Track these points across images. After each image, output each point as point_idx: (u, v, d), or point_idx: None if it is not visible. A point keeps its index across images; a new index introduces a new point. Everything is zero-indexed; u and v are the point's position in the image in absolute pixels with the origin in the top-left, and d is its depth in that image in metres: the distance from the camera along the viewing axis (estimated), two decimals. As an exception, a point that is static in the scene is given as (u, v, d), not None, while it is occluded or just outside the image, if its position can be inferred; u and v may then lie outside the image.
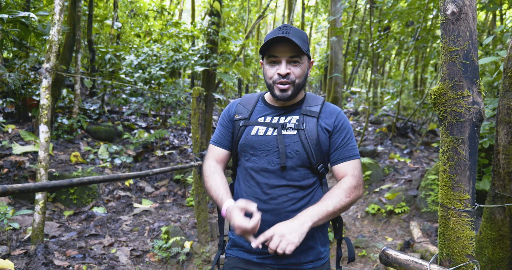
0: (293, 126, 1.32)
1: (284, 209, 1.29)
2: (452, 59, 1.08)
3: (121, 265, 3.31)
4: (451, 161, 1.11)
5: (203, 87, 6.51)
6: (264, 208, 1.30)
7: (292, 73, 1.30)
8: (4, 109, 6.34)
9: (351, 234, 4.07)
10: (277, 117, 1.37)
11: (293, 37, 1.24)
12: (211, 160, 1.46)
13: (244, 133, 1.38)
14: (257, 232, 1.19)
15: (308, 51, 1.33)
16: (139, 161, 6.14)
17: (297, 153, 1.29)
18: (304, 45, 1.28)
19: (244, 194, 1.36)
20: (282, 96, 1.31)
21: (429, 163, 6.06)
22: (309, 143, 1.29)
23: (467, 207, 1.10)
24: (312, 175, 1.34)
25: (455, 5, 1.08)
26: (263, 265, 1.32)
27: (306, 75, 1.35)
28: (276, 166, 1.30)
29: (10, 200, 4.16)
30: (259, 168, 1.33)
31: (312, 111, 1.35)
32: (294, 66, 1.30)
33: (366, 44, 11.58)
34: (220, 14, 6.38)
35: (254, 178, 1.34)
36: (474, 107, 1.07)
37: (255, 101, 1.46)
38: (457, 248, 1.12)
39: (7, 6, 5.39)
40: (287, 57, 1.28)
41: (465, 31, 1.06)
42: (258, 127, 1.36)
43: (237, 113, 1.44)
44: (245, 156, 1.37)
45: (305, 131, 1.30)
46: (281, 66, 1.28)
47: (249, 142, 1.35)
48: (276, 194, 1.30)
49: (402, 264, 1.23)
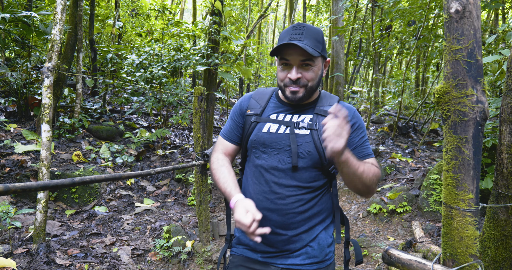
0: (306, 126, 1.30)
1: (291, 210, 1.28)
2: (456, 58, 1.07)
3: (122, 264, 3.31)
4: (454, 160, 1.10)
5: (205, 87, 6.51)
6: (271, 207, 1.29)
7: (304, 77, 1.27)
8: (6, 108, 6.35)
9: (352, 233, 4.07)
10: (290, 115, 1.35)
11: (305, 40, 1.22)
12: (219, 152, 1.45)
13: (255, 130, 1.35)
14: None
15: (323, 51, 1.29)
16: (140, 161, 6.15)
17: (309, 154, 1.27)
18: (317, 46, 1.25)
19: (251, 191, 1.34)
20: (293, 98, 1.29)
21: (431, 163, 6.05)
22: (322, 144, 1.25)
23: (471, 206, 1.09)
24: (322, 177, 1.32)
25: (459, 3, 1.07)
26: (267, 264, 1.31)
27: (320, 76, 1.32)
28: (287, 165, 1.28)
29: (12, 199, 4.17)
30: (269, 166, 1.30)
31: (326, 111, 1.31)
32: (306, 70, 1.27)
33: (368, 43, 11.56)
34: (221, 13, 6.37)
35: (263, 176, 1.31)
36: (478, 106, 1.06)
37: (269, 96, 1.43)
38: (461, 248, 1.11)
39: (9, 5, 5.40)
40: (299, 61, 1.25)
41: (469, 30, 1.05)
42: (270, 124, 1.34)
43: (249, 108, 1.42)
44: (255, 153, 1.35)
45: (318, 132, 1.28)
46: (292, 71, 1.26)
47: (260, 139, 1.33)
48: (284, 194, 1.28)
49: (405, 263, 1.23)
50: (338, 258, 3.53)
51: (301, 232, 1.29)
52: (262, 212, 1.25)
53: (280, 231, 1.29)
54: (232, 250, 1.42)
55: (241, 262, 1.36)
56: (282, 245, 1.29)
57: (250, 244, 1.35)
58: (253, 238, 1.12)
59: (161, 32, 8.23)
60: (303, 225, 1.29)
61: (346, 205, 4.94)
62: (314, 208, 1.30)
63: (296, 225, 1.29)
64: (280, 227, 1.29)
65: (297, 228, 1.29)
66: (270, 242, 1.30)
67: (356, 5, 9.55)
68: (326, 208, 1.36)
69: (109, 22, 10.32)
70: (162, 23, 8.85)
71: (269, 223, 1.27)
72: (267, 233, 1.14)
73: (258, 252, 1.33)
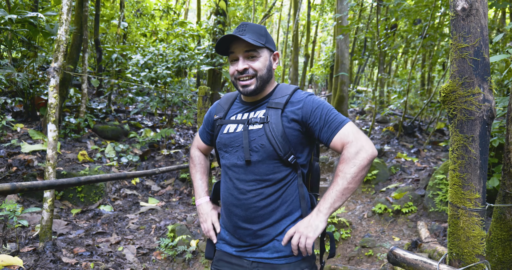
0: (258, 121, 1.33)
1: (253, 204, 1.32)
2: (463, 56, 1.06)
3: (127, 263, 3.33)
4: (461, 160, 1.09)
5: (209, 86, 6.52)
6: (235, 202, 1.35)
7: (251, 67, 1.34)
8: (13, 108, 6.42)
9: (357, 233, 4.05)
10: (247, 113, 1.41)
11: (247, 34, 1.31)
12: (195, 148, 1.67)
13: (219, 132, 1.44)
14: (231, 226, 1.38)
15: (267, 43, 1.36)
16: (145, 160, 6.18)
17: (262, 147, 1.30)
18: (260, 39, 1.33)
19: (221, 189, 1.44)
20: (245, 91, 1.35)
21: (436, 163, 6.00)
22: (273, 135, 1.29)
23: (478, 206, 1.08)
24: (284, 168, 1.33)
25: (465, 1, 1.06)
26: (241, 258, 1.37)
27: (269, 67, 1.38)
28: (243, 161, 1.33)
29: (19, 198, 4.22)
30: (230, 164, 1.37)
31: (277, 103, 1.35)
32: (252, 61, 1.34)
33: (373, 42, 11.50)
34: (225, 13, 6.38)
35: (227, 174, 1.39)
36: (485, 105, 1.05)
37: (233, 99, 1.52)
38: (467, 248, 1.10)
39: (15, 6, 5.45)
40: (243, 52, 1.33)
41: (476, 28, 1.04)
42: (230, 125, 1.42)
43: (215, 113, 1.51)
44: (220, 153, 1.44)
45: (269, 124, 1.31)
46: (239, 63, 1.34)
47: (222, 140, 1.41)
48: (245, 189, 1.33)
49: (410, 263, 1.22)
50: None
51: (266, 226, 1.32)
52: (229, 207, 1.38)
53: (246, 225, 1.34)
54: (216, 245, 1.49)
55: (221, 256, 1.43)
56: (250, 239, 1.34)
57: (226, 238, 1.42)
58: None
59: (166, 32, 8.26)
60: (268, 219, 1.32)
61: (351, 205, 4.92)
62: (278, 202, 1.32)
63: (259, 219, 1.32)
64: (245, 221, 1.34)
65: (261, 222, 1.32)
66: (239, 236, 1.36)
67: (361, 4, 9.51)
68: (293, 200, 1.35)
69: (114, 23, 10.38)
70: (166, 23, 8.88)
71: (235, 218, 1.35)
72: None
73: (233, 246, 1.39)
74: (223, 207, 1.43)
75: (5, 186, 1.24)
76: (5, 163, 4.61)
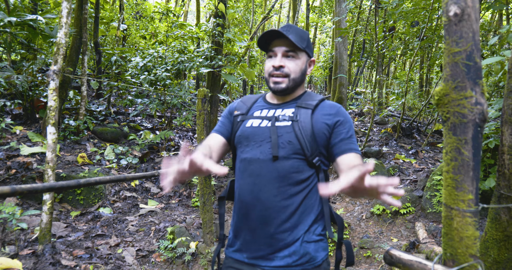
0: (287, 118, 1.33)
1: (274, 204, 1.26)
2: (455, 60, 1.08)
3: (127, 265, 3.34)
4: (454, 162, 1.11)
5: (208, 89, 6.54)
6: (253, 201, 1.29)
7: (287, 67, 1.34)
8: (12, 110, 6.43)
9: (356, 234, 4.06)
10: (274, 110, 1.40)
11: (291, 34, 1.30)
12: (201, 144, 1.44)
13: (241, 127, 1.40)
14: (245, 228, 1.28)
15: (307, 48, 1.36)
16: (144, 162, 6.19)
17: (289, 143, 1.28)
18: (301, 42, 1.33)
19: (238, 186, 1.36)
20: (276, 87, 1.35)
21: (434, 164, 6.03)
22: (302, 134, 1.27)
23: (471, 207, 1.10)
24: (308, 168, 1.30)
25: (457, 7, 1.08)
26: (254, 266, 1.30)
27: (303, 71, 1.38)
28: (268, 156, 1.28)
29: (18, 200, 4.22)
30: (251, 159, 1.32)
31: (308, 104, 1.35)
32: (289, 60, 1.34)
33: (371, 44, 11.55)
34: (225, 15, 6.41)
35: (247, 169, 1.32)
36: (477, 108, 1.07)
37: (255, 99, 1.50)
38: (461, 248, 1.12)
39: (15, 9, 5.47)
40: (283, 51, 1.33)
41: (468, 32, 1.07)
42: (253, 120, 1.39)
43: (236, 109, 1.48)
44: (240, 147, 1.38)
45: (299, 122, 1.30)
46: (276, 59, 1.34)
47: (243, 134, 1.37)
48: (266, 187, 1.27)
49: (406, 264, 1.23)
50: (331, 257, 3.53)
51: (284, 230, 1.27)
52: (246, 206, 1.30)
53: (263, 226, 1.27)
54: (225, 251, 1.42)
55: (231, 264, 1.36)
56: (265, 244, 1.28)
57: (237, 245, 1.35)
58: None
59: (165, 34, 8.28)
60: (287, 221, 1.27)
61: (350, 206, 4.94)
62: (299, 203, 1.28)
63: (278, 221, 1.26)
64: (263, 222, 1.27)
65: (279, 224, 1.27)
66: (254, 239, 1.29)
67: (360, 6, 9.55)
68: (313, 204, 1.32)
69: (114, 25, 10.41)
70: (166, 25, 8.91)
71: (253, 216, 1.28)
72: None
73: (244, 253, 1.33)
74: (238, 206, 1.36)
75: (5, 189, 1.25)
76: (4, 166, 4.62)
